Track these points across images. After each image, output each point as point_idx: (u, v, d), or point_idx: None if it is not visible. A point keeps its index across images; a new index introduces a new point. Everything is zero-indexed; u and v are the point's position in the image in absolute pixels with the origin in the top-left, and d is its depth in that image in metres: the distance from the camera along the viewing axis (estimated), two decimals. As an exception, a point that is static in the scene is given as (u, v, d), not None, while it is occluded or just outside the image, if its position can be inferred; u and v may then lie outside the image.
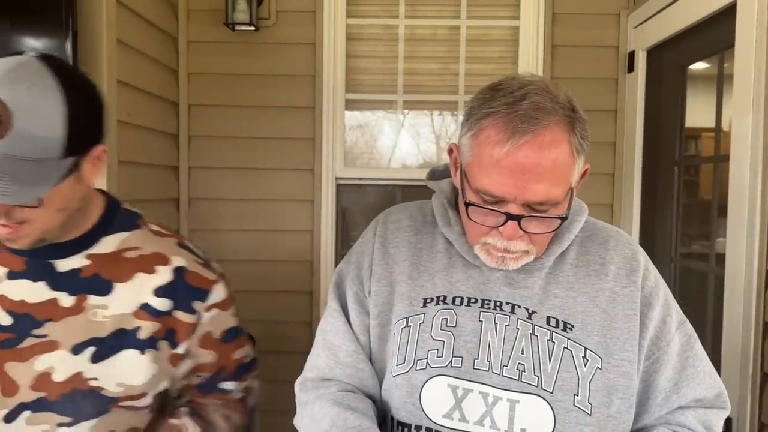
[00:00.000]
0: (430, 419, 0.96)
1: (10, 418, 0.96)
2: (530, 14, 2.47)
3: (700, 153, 2.21)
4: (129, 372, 1.00)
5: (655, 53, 2.29)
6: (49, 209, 0.91)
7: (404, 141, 2.62)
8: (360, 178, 2.59)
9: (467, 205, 0.93)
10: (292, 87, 2.51)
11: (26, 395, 0.96)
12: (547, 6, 2.45)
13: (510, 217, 0.90)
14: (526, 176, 0.87)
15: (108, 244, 1.02)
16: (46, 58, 0.88)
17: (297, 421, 1.08)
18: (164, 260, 1.04)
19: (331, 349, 1.06)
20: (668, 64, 2.22)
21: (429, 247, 1.07)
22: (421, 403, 0.96)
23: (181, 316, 1.03)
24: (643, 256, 1.05)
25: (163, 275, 1.02)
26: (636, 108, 2.34)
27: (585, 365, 0.94)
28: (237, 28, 2.42)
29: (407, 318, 1.01)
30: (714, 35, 1.87)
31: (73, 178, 0.92)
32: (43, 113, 0.84)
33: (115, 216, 1.06)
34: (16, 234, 0.91)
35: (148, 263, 1.03)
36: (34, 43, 1.66)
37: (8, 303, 0.97)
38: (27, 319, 0.97)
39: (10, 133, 0.81)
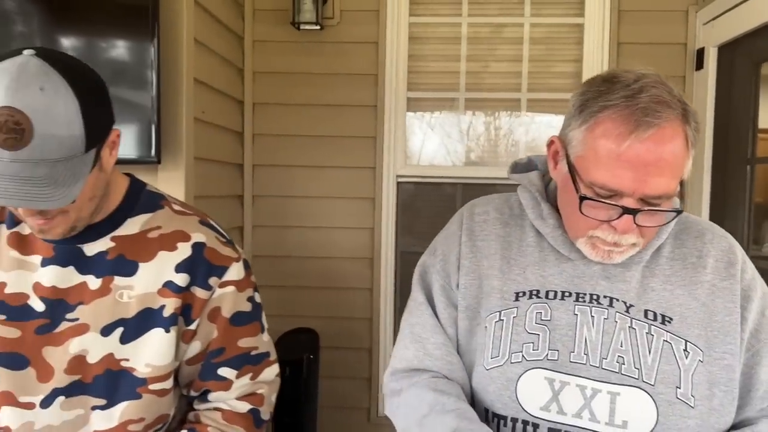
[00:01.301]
0: (526, 411, 0.96)
1: (45, 403, 0.97)
2: (596, 11, 2.45)
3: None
4: (156, 351, 1.00)
5: (726, 50, 2.25)
6: (81, 201, 0.93)
7: (464, 139, 2.62)
8: (421, 176, 2.60)
9: (582, 198, 0.91)
10: (354, 86, 2.54)
11: (60, 380, 0.97)
12: (613, 3, 2.43)
13: (626, 210, 0.89)
14: (647, 170, 0.86)
15: (132, 225, 1.03)
16: (41, 54, 0.86)
17: (390, 410, 1.08)
18: (185, 237, 1.03)
19: (420, 342, 1.07)
20: (741, 61, 2.17)
21: (518, 240, 1.07)
22: (517, 396, 0.97)
23: (197, 291, 1.02)
24: (739, 249, 1.04)
25: (183, 251, 1.02)
26: (705, 106, 2.30)
27: (686, 358, 0.94)
28: (302, 27, 2.45)
29: (500, 312, 1.02)
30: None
31: (96, 167, 0.93)
32: (60, 112, 0.84)
33: (139, 198, 1.06)
34: (49, 226, 0.92)
35: (169, 241, 1.03)
36: (123, 45, 1.73)
37: (41, 290, 0.98)
38: (60, 304, 0.98)
39: (34, 139, 0.82)
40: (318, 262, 2.59)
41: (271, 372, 1.13)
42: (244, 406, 1.09)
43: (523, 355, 0.98)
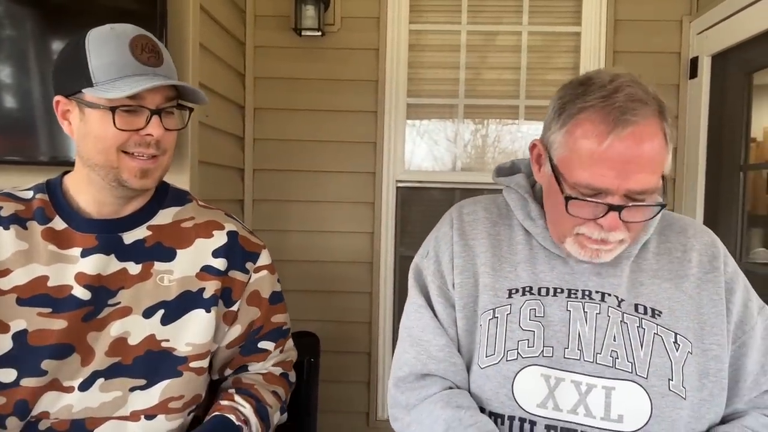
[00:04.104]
0: (523, 409, 0.98)
1: (84, 386, 1.01)
2: (592, 20, 2.50)
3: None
4: (196, 331, 1.06)
5: (719, 59, 2.30)
6: (171, 143, 1.07)
7: (463, 145, 2.65)
8: (420, 182, 2.63)
9: (568, 198, 0.93)
10: (354, 91, 2.56)
11: (101, 362, 1.01)
12: (609, 12, 2.47)
13: (612, 207, 0.91)
14: (628, 167, 0.88)
15: (164, 216, 1.11)
16: None
17: (400, 427, 1.08)
18: (219, 226, 1.14)
19: (421, 345, 1.07)
20: (734, 70, 2.23)
21: (508, 239, 1.09)
22: (513, 394, 0.98)
23: (236, 275, 1.12)
24: (720, 242, 1.08)
25: (220, 238, 1.12)
26: (699, 114, 2.35)
27: (677, 350, 0.96)
28: (304, 33, 2.47)
29: (493, 309, 1.03)
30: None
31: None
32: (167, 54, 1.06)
33: (167, 192, 1.16)
34: (154, 164, 1.04)
35: (205, 229, 1.13)
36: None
37: (85, 279, 1.02)
38: (103, 291, 1.03)
39: (164, 61, 1.03)
40: (318, 266, 2.60)
41: (290, 342, 1.26)
42: (278, 370, 1.21)
43: (518, 353, 0.99)
